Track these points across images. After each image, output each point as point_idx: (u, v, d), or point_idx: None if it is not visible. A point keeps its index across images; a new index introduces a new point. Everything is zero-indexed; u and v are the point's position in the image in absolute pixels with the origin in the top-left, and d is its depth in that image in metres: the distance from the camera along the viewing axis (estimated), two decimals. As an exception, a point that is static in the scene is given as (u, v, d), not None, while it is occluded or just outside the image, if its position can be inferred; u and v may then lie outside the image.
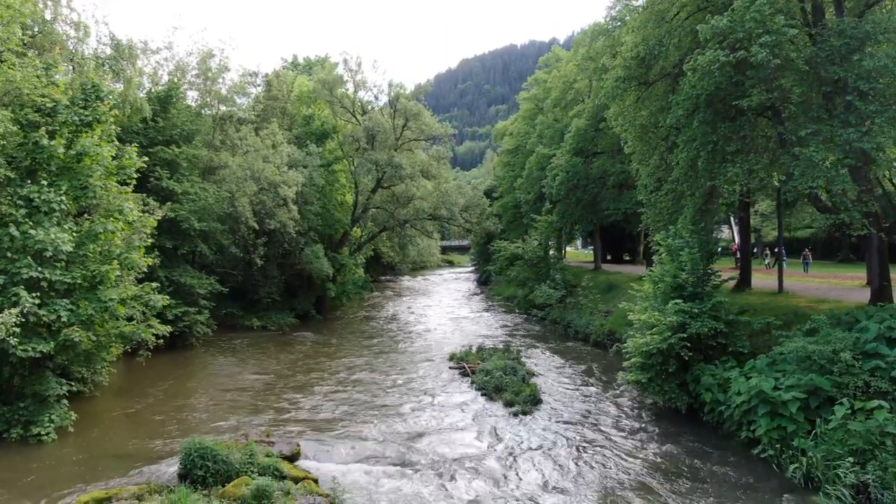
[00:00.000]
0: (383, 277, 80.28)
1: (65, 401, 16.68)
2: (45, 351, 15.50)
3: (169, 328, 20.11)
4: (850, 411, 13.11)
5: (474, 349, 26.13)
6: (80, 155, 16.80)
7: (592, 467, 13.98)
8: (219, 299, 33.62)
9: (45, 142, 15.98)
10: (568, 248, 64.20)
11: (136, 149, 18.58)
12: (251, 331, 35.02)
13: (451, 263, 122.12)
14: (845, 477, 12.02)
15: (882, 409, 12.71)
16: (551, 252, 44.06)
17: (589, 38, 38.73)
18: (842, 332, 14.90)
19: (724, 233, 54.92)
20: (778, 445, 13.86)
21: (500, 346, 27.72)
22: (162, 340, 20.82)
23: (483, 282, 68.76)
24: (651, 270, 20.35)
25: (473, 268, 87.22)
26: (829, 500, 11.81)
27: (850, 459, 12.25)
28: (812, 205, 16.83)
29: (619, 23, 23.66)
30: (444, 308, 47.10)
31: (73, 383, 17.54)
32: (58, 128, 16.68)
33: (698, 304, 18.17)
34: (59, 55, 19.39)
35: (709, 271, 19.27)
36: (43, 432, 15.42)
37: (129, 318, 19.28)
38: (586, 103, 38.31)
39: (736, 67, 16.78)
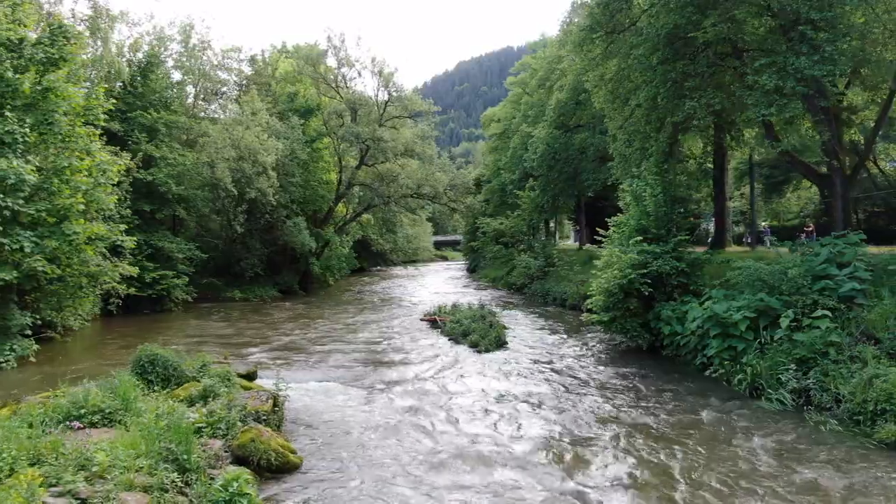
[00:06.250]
0: (374, 268, 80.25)
1: (28, 332, 16.79)
2: (7, 279, 15.63)
3: (136, 270, 20.22)
4: (794, 323, 13.32)
5: (448, 307, 26.26)
6: (46, 91, 16.97)
7: (544, 385, 14.13)
8: (201, 271, 33.80)
9: (9, 74, 16.14)
10: (562, 242, 63.96)
11: (103, 89, 18.75)
12: (233, 301, 35.14)
13: (444, 258, 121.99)
14: (787, 382, 12.23)
15: (825, 317, 12.92)
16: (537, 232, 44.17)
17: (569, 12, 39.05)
18: (793, 255, 15.15)
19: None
20: (728, 363, 14.06)
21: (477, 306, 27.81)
22: (133, 290, 20.98)
23: (472, 269, 68.78)
24: (615, 217, 20.52)
25: (465, 260, 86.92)
26: (771, 403, 12.01)
27: (793, 367, 12.47)
28: (765, 134, 16.93)
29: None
30: (430, 287, 47.23)
31: (38, 318, 17.62)
32: (24, 63, 16.85)
33: (661, 245, 18.36)
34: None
35: (672, 215, 19.45)
36: (2, 359, 15.54)
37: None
38: (567, 77, 38.51)
39: (696, 6, 17.07)
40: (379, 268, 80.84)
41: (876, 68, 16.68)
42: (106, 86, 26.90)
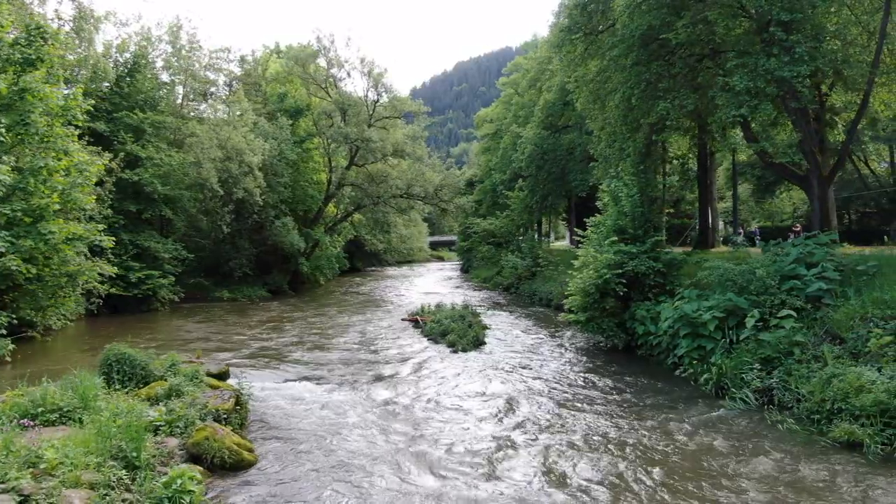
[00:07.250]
0: (368, 268, 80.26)
1: (4, 332, 16.79)
2: (-19, 279, 15.68)
3: (115, 269, 20.24)
4: (761, 323, 13.41)
5: (432, 307, 26.32)
6: (23, 91, 17.01)
7: (514, 385, 14.19)
8: (190, 271, 33.83)
9: (-15, 75, 16.20)
10: (557, 243, 64.02)
11: (81, 89, 18.79)
12: (221, 301, 35.18)
13: (440, 259, 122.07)
14: (751, 382, 12.31)
15: (790, 317, 13.00)
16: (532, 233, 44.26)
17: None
18: (763, 256, 15.23)
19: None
20: (696, 362, 14.14)
21: (460, 306, 27.87)
22: (113, 288, 20.98)
23: (465, 270, 68.84)
24: (594, 217, 20.61)
25: (460, 261, 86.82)
26: (735, 403, 12.07)
27: (758, 366, 12.54)
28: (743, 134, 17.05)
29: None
30: (421, 287, 47.31)
31: (14, 318, 17.61)
32: (0, 65, 16.90)
33: (638, 245, 18.44)
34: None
35: (650, 215, 19.54)
36: (-25, 359, 15.57)
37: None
38: (555, 77, 38.64)
39: (671, 8, 17.16)
40: (373, 268, 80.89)
41: (848, 69, 16.75)
42: (90, 86, 27.19)
